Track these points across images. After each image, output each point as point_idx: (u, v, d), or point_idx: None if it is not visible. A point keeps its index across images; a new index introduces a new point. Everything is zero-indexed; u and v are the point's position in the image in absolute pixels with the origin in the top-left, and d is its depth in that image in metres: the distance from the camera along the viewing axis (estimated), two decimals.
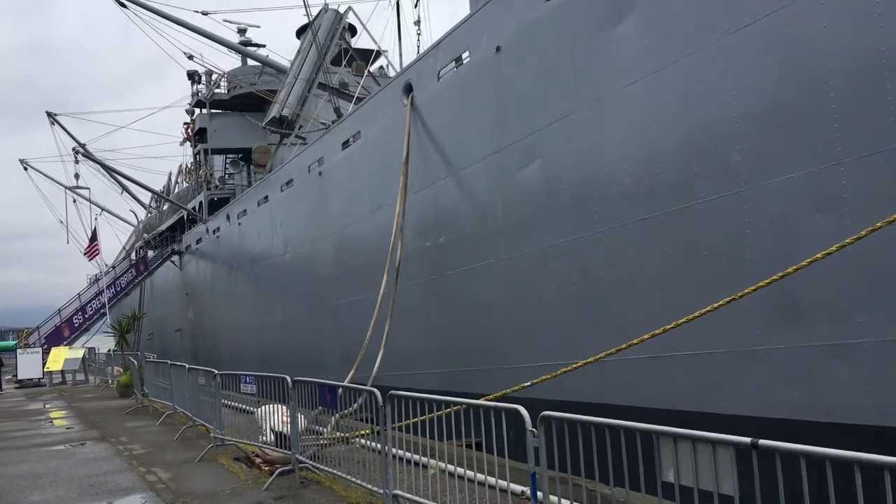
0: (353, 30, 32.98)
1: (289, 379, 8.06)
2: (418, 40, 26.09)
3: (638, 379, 10.29)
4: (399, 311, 14.36)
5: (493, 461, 6.31)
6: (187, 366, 12.50)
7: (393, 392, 6.43)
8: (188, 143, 44.79)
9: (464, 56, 14.14)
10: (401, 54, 28.08)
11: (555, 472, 4.66)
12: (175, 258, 38.56)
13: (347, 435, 7.99)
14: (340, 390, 7.40)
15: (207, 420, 11.03)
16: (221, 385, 10.07)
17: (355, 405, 8.29)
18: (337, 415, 8.85)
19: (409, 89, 15.81)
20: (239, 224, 28.48)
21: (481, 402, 6.10)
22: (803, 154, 8.04)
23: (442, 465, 6.29)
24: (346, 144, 19.25)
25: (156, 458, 10.50)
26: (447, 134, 14.63)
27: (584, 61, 11.03)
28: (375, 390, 6.60)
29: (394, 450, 6.35)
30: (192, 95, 36.11)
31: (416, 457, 6.65)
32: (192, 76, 35.63)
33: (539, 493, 4.49)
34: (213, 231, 32.34)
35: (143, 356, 18.76)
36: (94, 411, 18.22)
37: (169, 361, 14.90)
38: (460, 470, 5.86)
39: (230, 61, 34.41)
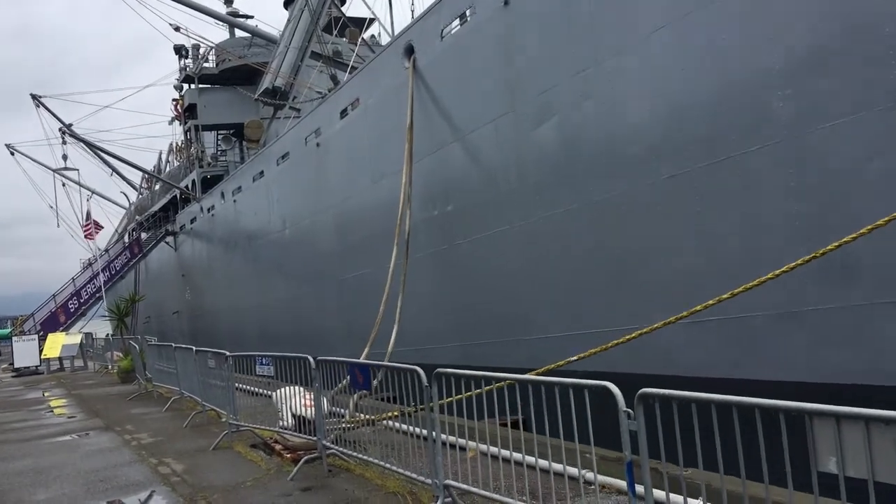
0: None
1: (311, 359, 7.44)
2: (412, 3, 25.17)
3: (670, 347, 9.76)
4: (407, 283, 13.78)
5: (544, 442, 5.77)
6: (194, 348, 11.86)
7: (440, 370, 5.84)
8: (177, 122, 43.88)
9: (468, 13, 13.40)
10: (392, 21, 27.25)
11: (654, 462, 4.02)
12: (169, 239, 37.83)
13: (377, 417, 7.43)
14: (377, 374, 6.74)
15: (219, 405, 10.46)
16: (234, 367, 9.46)
17: (375, 382, 7.76)
18: (356, 395, 8.31)
19: (410, 51, 15.06)
20: (234, 201, 27.74)
21: (541, 378, 5.49)
22: (856, 97, 7.43)
23: (483, 447, 5.73)
24: (344, 113, 18.51)
25: (167, 447, 9.91)
26: (453, 96, 13.93)
27: (601, 9, 10.34)
28: (418, 368, 5.99)
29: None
30: (180, 70, 35.11)
31: (462, 441, 6.09)
32: (180, 51, 34.60)
33: (639, 487, 3.90)
34: (208, 210, 31.59)
35: (144, 339, 18.11)
36: (95, 398, 17.60)
37: (174, 344, 14.25)
38: (505, 452, 5.30)
39: (218, 34, 33.35)
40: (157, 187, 44.36)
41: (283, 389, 8.13)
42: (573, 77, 10.91)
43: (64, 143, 34.08)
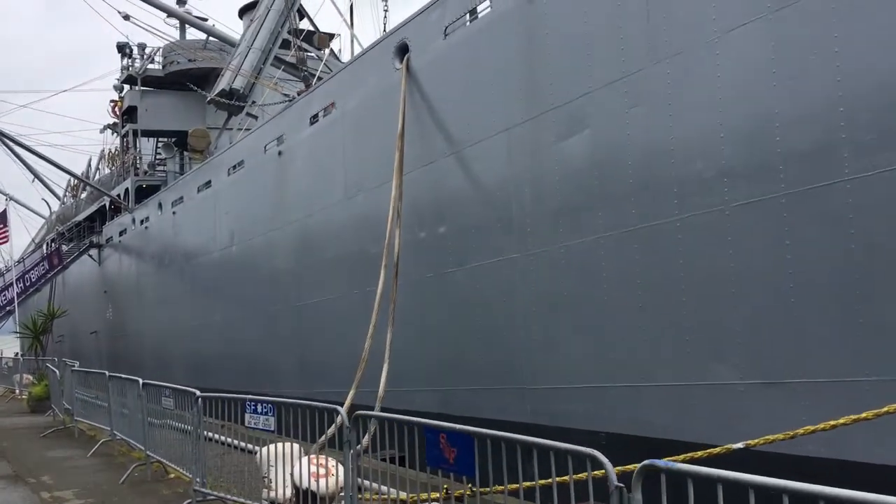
0: (300, 14, 30.04)
1: (343, 412, 5.23)
2: (384, 16, 23.42)
3: (736, 410, 8.00)
4: (381, 314, 11.74)
5: None
6: (141, 381, 9.39)
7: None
8: (109, 130, 40.73)
9: (480, 8, 11.69)
10: (353, 36, 25.36)
11: None
12: (93, 251, 34.57)
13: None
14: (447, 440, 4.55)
15: (172, 459, 8.09)
16: (204, 411, 7.15)
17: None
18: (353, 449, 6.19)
19: (403, 50, 13.23)
20: (174, 213, 25.11)
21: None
22: None
23: None
24: (314, 119, 16.47)
25: None
26: (455, 102, 12.12)
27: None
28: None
29: None
30: (122, 70, 32.30)
31: None
32: (123, 49, 31.85)
33: None
34: (141, 222, 28.74)
35: (65, 363, 15.28)
36: (0, 433, 14.64)
37: (108, 373, 11.62)
38: None
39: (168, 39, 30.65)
40: (83, 195, 40.92)
41: (273, 446, 5.94)
42: (616, 82, 9.25)
43: None
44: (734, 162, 7.93)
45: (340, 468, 5.26)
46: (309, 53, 23.25)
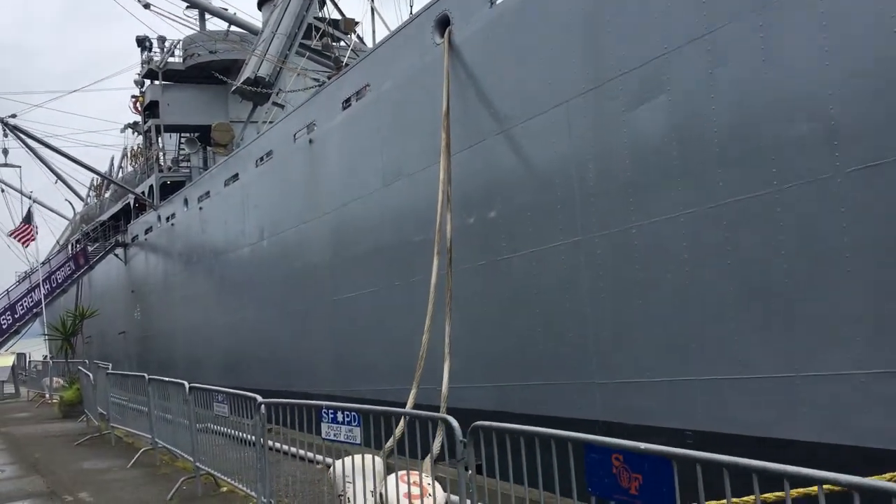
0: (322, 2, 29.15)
1: (455, 425, 4.20)
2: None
3: (853, 405, 7.02)
4: (424, 307, 10.85)
5: None
6: (187, 384, 8.49)
7: None
8: (130, 131, 40.18)
9: None
10: (374, 19, 24.49)
11: None
12: (119, 251, 34.05)
13: None
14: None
15: (226, 471, 7.22)
16: (268, 418, 6.24)
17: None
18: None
19: (444, 23, 12.29)
20: (200, 209, 24.40)
21: None
22: None
23: None
24: (347, 104, 15.58)
25: None
26: (505, 75, 11.17)
27: None
28: None
29: None
30: (142, 64, 31.62)
31: None
32: (143, 42, 31.16)
33: None
34: (167, 218, 28.09)
35: (98, 366, 14.45)
36: (32, 441, 13.78)
37: (147, 375, 10.74)
38: None
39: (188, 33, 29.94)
40: (107, 195, 40.45)
41: (350, 459, 5.04)
42: (697, 40, 8.24)
43: (5, 135, 30.20)
44: (847, 121, 6.92)
45: (438, 488, 4.36)
46: (337, 41, 22.37)
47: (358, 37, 24.32)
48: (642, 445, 3.20)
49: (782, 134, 7.47)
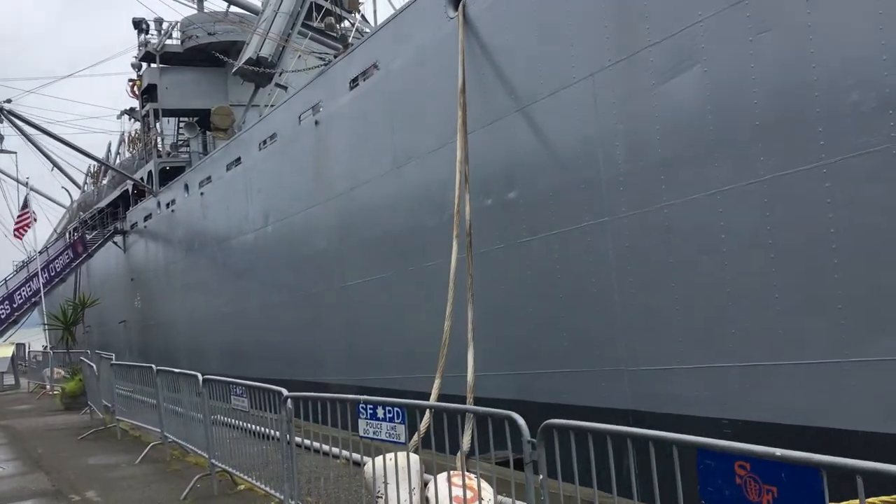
0: None
1: (522, 423, 3.71)
2: None
3: None
4: (442, 290, 10.40)
5: None
6: (201, 376, 8.01)
7: None
8: (126, 118, 39.55)
9: None
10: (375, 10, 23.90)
11: None
12: (118, 238, 33.52)
13: None
14: None
15: (243, 468, 6.77)
16: (295, 412, 5.78)
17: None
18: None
19: None
20: (201, 194, 23.88)
21: None
22: None
23: None
24: (354, 83, 15.06)
25: None
26: (524, 49, 10.66)
27: None
28: None
29: None
30: (140, 47, 30.94)
31: None
32: (140, 24, 30.47)
33: None
34: (167, 205, 27.57)
35: (100, 356, 14.00)
36: (34, 434, 13.32)
37: (155, 367, 10.26)
38: None
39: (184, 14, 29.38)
40: (104, 182, 39.87)
41: (386, 458, 4.60)
42: (738, 4, 7.76)
43: (0, 121, 29.55)
44: None
45: (488, 489, 3.93)
46: (340, 20, 21.78)
47: (362, 16, 23.74)
48: (778, 451, 2.73)
49: (831, 104, 7.01)
